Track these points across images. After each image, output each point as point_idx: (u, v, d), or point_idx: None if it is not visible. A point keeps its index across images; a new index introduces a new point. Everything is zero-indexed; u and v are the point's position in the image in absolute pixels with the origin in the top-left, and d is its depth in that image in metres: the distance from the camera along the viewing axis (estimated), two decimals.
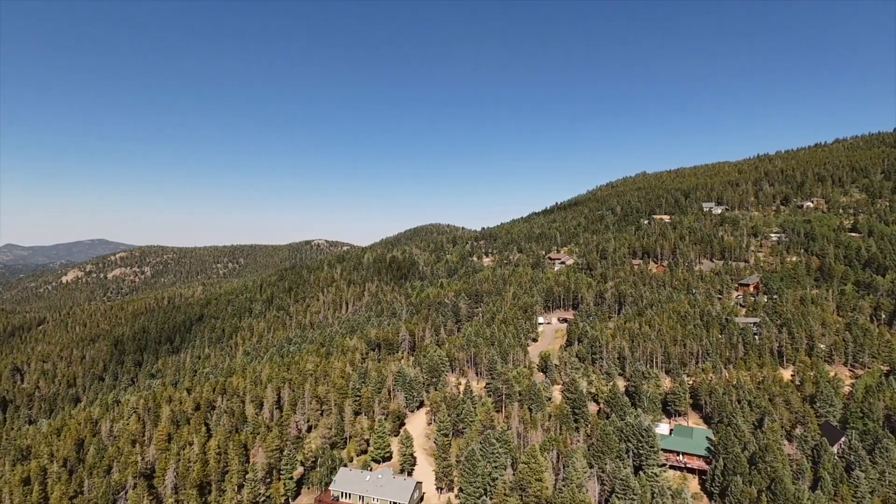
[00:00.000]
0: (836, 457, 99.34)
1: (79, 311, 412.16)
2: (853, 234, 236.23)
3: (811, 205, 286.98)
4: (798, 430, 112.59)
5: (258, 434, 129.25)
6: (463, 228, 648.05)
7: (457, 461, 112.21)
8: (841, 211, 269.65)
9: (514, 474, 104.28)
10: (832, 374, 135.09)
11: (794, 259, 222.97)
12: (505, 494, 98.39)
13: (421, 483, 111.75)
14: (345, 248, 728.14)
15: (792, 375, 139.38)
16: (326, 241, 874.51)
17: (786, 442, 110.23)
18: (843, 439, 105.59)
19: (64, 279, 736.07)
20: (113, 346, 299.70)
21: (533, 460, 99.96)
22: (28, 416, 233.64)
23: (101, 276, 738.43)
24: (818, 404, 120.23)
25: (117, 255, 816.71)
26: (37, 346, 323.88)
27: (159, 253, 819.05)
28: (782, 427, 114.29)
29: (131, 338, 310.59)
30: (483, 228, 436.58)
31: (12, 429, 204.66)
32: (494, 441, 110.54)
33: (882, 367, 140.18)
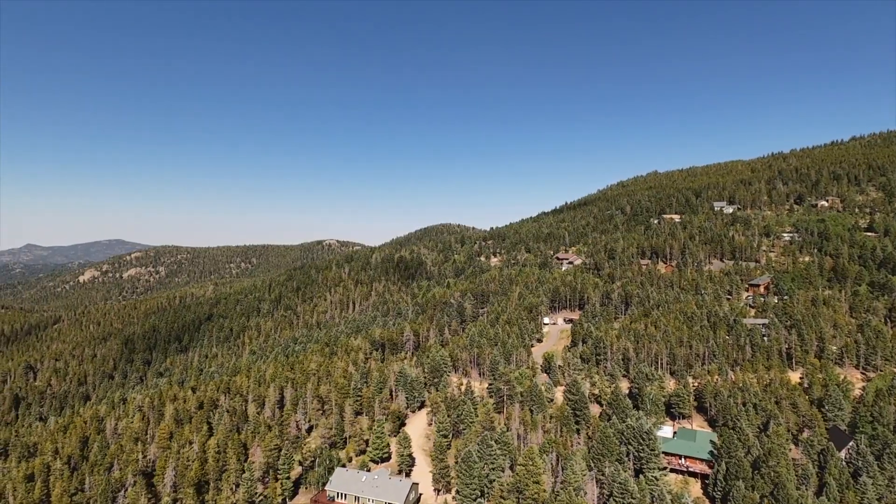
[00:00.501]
0: (842, 462, 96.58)
1: (93, 311, 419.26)
2: (869, 234, 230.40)
3: (826, 204, 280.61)
4: (805, 435, 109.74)
5: (258, 433, 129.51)
6: (473, 228, 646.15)
7: (455, 462, 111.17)
8: (856, 210, 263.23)
9: (512, 476, 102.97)
10: (842, 376, 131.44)
11: (806, 259, 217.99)
12: (502, 496, 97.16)
13: (417, 484, 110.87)
14: (355, 248, 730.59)
15: (800, 378, 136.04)
16: (338, 242, 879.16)
17: (792, 446, 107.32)
18: (850, 444, 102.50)
19: (81, 279, 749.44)
20: (123, 345, 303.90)
21: (531, 462, 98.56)
22: (39, 413, 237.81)
23: (117, 275, 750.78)
24: (826, 408, 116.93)
25: (133, 255, 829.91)
26: (51, 345, 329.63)
27: (173, 253, 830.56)
28: (788, 431, 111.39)
29: (142, 337, 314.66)
30: (492, 228, 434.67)
31: (23, 426, 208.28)
32: (492, 442, 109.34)
33: (895, 369, 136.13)
